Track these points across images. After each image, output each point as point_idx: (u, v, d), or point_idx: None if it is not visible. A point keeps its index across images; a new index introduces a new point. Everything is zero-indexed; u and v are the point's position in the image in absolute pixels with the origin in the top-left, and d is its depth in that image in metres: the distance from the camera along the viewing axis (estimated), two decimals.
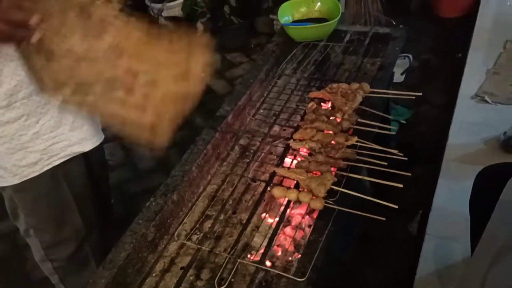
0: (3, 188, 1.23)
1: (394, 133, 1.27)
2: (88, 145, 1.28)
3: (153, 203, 1.07)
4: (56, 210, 1.31)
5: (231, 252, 0.99)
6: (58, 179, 1.26)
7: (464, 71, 2.44)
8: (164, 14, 3.13)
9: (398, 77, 2.65)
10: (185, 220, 1.09)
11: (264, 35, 3.12)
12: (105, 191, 1.55)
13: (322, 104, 1.31)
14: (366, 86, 1.25)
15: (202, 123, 2.65)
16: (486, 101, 2.18)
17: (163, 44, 0.94)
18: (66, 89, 0.89)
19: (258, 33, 3.13)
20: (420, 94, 1.25)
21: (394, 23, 3.03)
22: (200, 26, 3.17)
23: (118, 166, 2.40)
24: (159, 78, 0.93)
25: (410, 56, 2.73)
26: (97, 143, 1.31)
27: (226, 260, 0.97)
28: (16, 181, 1.20)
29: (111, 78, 0.90)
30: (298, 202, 1.06)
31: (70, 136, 1.23)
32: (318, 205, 0.98)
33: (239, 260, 0.96)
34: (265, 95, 1.41)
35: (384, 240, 1.71)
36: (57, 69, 0.88)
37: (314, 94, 1.29)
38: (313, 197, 1.00)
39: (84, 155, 1.32)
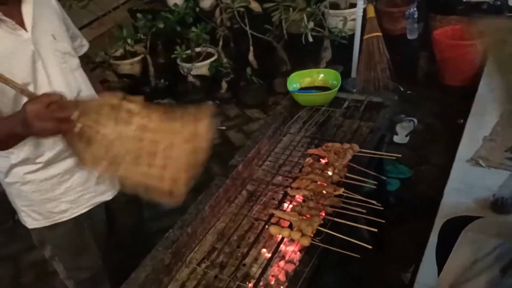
0: (35, 228, 1.46)
1: (386, 189, 1.46)
2: (109, 195, 1.52)
3: (171, 234, 1.29)
4: (77, 245, 1.53)
5: (233, 278, 1.19)
6: (81, 221, 1.49)
7: (463, 136, 2.64)
8: (192, 72, 3.49)
9: (403, 139, 2.87)
10: (196, 250, 1.31)
11: (281, 94, 3.42)
12: (127, 230, 1.77)
13: (320, 159, 1.54)
14: (356, 146, 1.48)
15: (218, 171, 2.88)
16: (481, 165, 2.36)
17: (175, 123, 1.16)
18: (103, 163, 1.13)
19: (276, 93, 3.44)
20: (400, 155, 1.46)
21: (402, 89, 3.30)
22: (224, 84, 3.51)
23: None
24: (174, 146, 1.14)
25: (415, 119, 2.95)
26: (116, 193, 1.54)
27: (228, 283, 1.17)
28: (47, 224, 1.43)
29: (137, 152, 1.13)
30: (291, 240, 1.26)
31: (95, 189, 1.47)
32: (305, 242, 1.19)
33: (237, 283, 1.17)
34: (271, 149, 1.65)
35: (377, 286, 1.85)
36: (95, 150, 1.11)
37: (312, 151, 1.53)
38: (302, 236, 1.20)
39: (105, 202, 1.56)
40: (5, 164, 1.33)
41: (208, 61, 3.50)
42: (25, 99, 1.10)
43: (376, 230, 1.20)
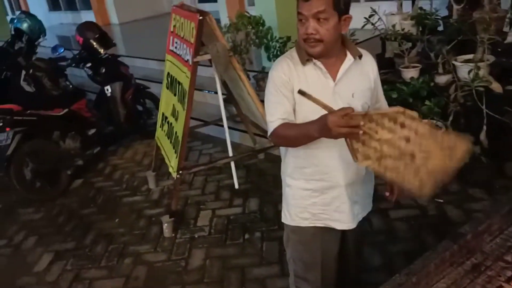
0: (286, 225, 1.91)
1: None
2: (340, 226, 1.84)
3: (398, 278, 1.47)
4: (307, 257, 1.88)
5: None
6: (316, 238, 1.84)
7: None
8: None
9: None
10: None
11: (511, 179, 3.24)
12: (352, 265, 2.05)
13: None
14: None
15: (431, 242, 2.89)
16: None
17: (437, 137, 1.48)
18: (370, 161, 1.51)
19: (506, 176, 3.26)
20: None
21: None
22: None
23: None
24: (431, 157, 1.48)
25: None
26: (347, 228, 1.85)
27: None
28: (291, 223, 1.87)
29: (399, 154, 1.49)
30: None
31: (332, 214, 1.81)
32: None
33: None
34: (504, 228, 1.67)
35: None
36: (367, 150, 1.49)
37: None
38: None
39: (342, 232, 1.88)
40: (285, 167, 1.84)
41: None
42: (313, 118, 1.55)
43: None
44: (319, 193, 1.78)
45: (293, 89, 1.67)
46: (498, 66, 3.49)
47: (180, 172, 3.25)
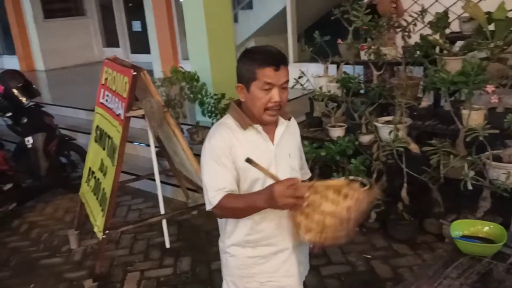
0: None
1: None
2: None
3: None
4: None
5: None
6: None
7: None
8: None
9: None
10: None
11: (431, 235, 3.44)
12: None
13: None
14: None
15: None
16: None
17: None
18: (313, 233, 1.50)
19: (425, 232, 3.47)
20: None
21: None
22: (373, 214, 3.68)
23: None
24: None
25: None
26: None
27: None
28: None
29: (340, 223, 1.49)
30: None
31: (281, 280, 1.78)
32: None
33: None
34: None
35: None
36: (310, 222, 1.49)
37: None
38: None
39: None
40: (227, 236, 1.77)
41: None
42: (260, 183, 1.60)
43: None
44: (266, 260, 1.74)
45: (235, 158, 1.66)
46: (415, 129, 3.79)
47: (107, 232, 3.06)
